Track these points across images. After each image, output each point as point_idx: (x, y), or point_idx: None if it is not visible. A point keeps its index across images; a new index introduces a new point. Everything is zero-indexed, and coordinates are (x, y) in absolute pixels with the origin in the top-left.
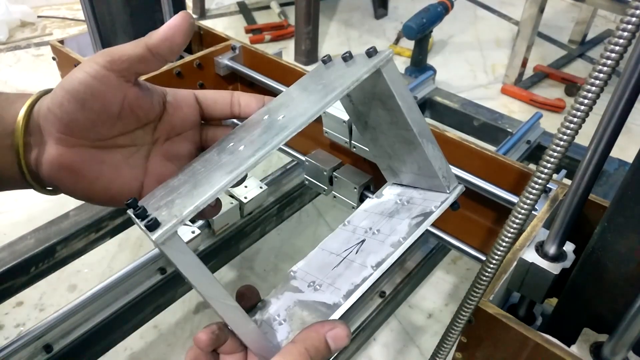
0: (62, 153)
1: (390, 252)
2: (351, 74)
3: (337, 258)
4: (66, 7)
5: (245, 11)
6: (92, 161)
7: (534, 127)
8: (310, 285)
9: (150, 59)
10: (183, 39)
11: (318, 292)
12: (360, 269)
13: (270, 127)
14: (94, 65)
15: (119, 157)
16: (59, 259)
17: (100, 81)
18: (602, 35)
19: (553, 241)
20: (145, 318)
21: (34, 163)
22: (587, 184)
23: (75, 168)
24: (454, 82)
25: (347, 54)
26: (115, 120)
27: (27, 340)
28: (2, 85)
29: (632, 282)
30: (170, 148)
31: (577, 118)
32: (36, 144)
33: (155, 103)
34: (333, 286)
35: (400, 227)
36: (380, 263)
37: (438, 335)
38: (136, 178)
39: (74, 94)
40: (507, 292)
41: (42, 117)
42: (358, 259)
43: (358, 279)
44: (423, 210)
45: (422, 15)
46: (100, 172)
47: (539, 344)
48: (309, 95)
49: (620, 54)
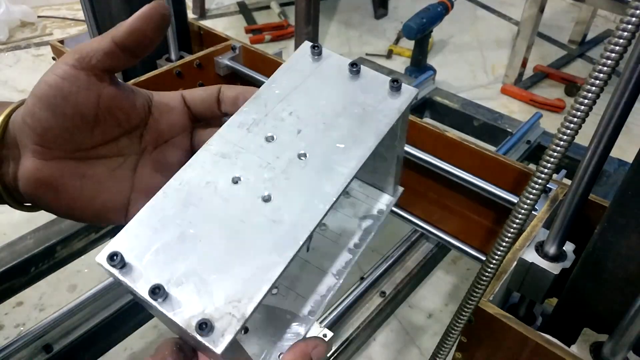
0: (39, 167)
1: (348, 260)
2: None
3: None
4: (66, 7)
5: (245, 11)
6: (72, 175)
7: (534, 127)
8: None
9: (118, 53)
10: (154, 32)
11: (277, 296)
12: (320, 274)
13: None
14: (61, 66)
15: (102, 170)
16: (59, 259)
17: (69, 82)
18: (602, 36)
19: (553, 241)
20: (145, 318)
21: (11, 178)
22: (587, 184)
23: (53, 183)
24: (453, 82)
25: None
26: (93, 125)
27: (27, 340)
28: (2, 85)
29: (632, 282)
30: (159, 157)
31: (577, 118)
32: (13, 158)
33: (139, 106)
34: (294, 291)
35: (349, 226)
36: (341, 272)
37: (438, 335)
38: (122, 193)
39: (44, 99)
40: (507, 292)
41: (17, 129)
42: (312, 259)
43: (322, 288)
44: (369, 211)
45: (422, 15)
46: (81, 186)
47: (539, 344)
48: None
49: (620, 54)
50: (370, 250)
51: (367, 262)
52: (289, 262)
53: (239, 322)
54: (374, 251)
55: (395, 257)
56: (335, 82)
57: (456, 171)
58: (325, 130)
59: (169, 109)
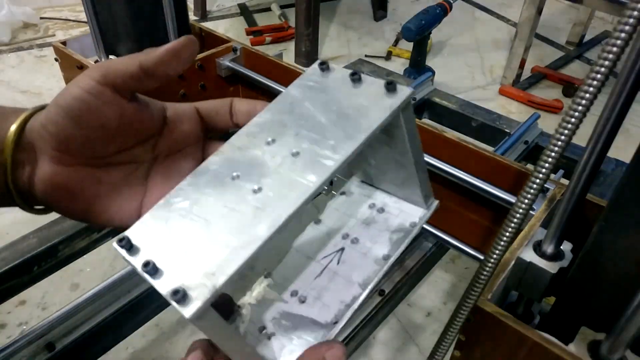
0: (58, 172)
1: (376, 270)
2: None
3: (316, 265)
4: (68, 8)
5: (246, 13)
6: (89, 180)
7: (532, 127)
8: (293, 295)
9: (143, 78)
10: (181, 64)
11: (305, 305)
12: (347, 285)
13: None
14: (88, 80)
15: (117, 176)
16: (61, 258)
17: (95, 96)
18: (599, 37)
19: (551, 240)
20: (147, 316)
21: (26, 182)
22: (584, 184)
23: (71, 187)
24: (452, 83)
25: (356, 76)
26: (113, 136)
27: (29, 339)
28: (5, 86)
29: (629, 281)
30: (171, 165)
31: (575, 119)
32: (29, 162)
33: (156, 118)
34: (320, 301)
35: (380, 240)
36: (367, 282)
37: (437, 333)
38: (135, 198)
39: (69, 110)
40: (505, 290)
41: (35, 135)
42: (341, 271)
43: (347, 297)
44: (401, 225)
45: (420, 17)
46: (97, 191)
47: (536, 343)
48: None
49: (618, 55)
50: None
51: None
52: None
53: (210, 291)
54: None
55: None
56: (338, 91)
57: (454, 171)
58: (321, 133)
59: (182, 119)
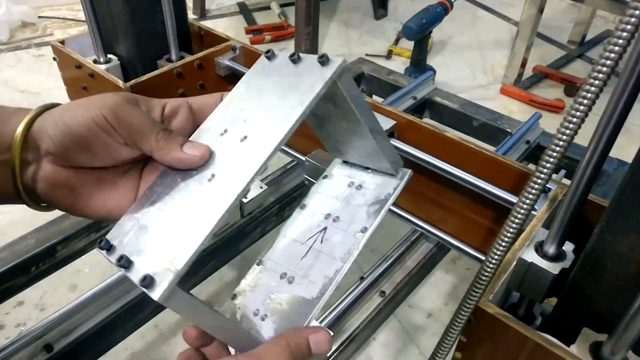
0: (59, 171)
1: (355, 242)
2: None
3: (302, 247)
4: (67, 7)
5: (245, 12)
6: (89, 179)
7: (533, 127)
8: (282, 277)
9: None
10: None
11: (293, 285)
12: (331, 261)
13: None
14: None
15: (115, 173)
16: (59, 259)
17: (109, 134)
18: (601, 36)
19: (552, 241)
20: (145, 318)
21: (30, 179)
22: (586, 184)
23: (72, 186)
24: (453, 82)
25: (295, 56)
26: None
27: (27, 340)
28: (3, 85)
29: (631, 282)
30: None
31: (577, 118)
32: (33, 160)
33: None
34: (307, 279)
35: (359, 215)
36: (348, 256)
37: (438, 334)
38: (131, 191)
39: (78, 137)
40: (506, 291)
41: (39, 136)
42: (325, 248)
43: (330, 272)
44: (377, 198)
45: (421, 15)
46: (97, 189)
47: (538, 344)
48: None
49: (620, 54)
50: (370, 250)
51: (367, 262)
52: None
53: (173, 274)
54: (373, 251)
55: (395, 256)
56: (280, 74)
57: (456, 171)
58: (265, 114)
59: (175, 115)
